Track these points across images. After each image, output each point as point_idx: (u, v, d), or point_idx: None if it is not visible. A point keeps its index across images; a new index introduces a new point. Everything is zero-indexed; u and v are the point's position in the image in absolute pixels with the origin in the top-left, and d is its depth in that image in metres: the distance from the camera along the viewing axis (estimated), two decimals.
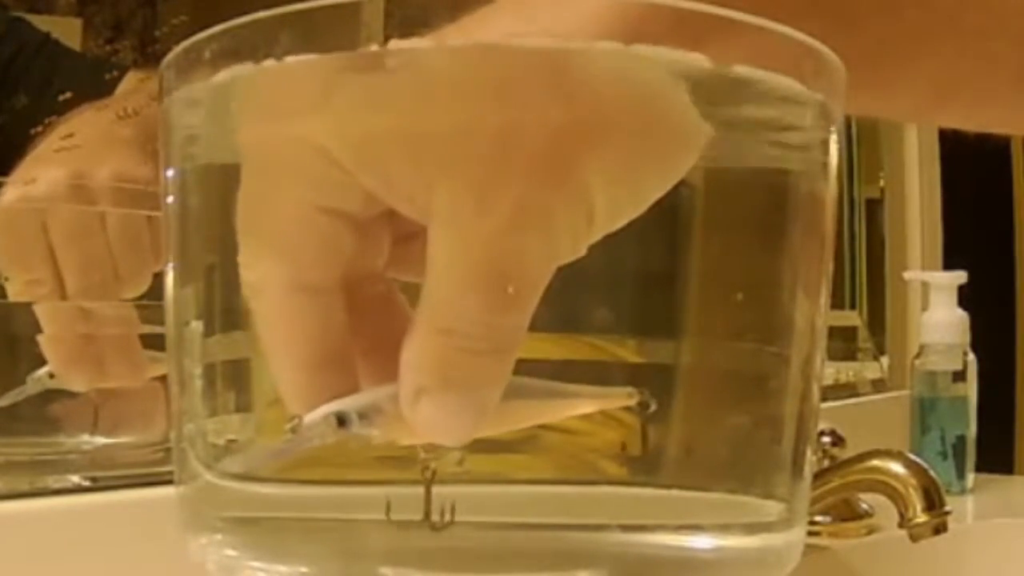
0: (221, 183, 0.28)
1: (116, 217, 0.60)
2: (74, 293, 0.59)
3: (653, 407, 0.26)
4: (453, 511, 0.25)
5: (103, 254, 0.60)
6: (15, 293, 0.59)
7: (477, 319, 0.23)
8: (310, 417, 0.24)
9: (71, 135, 0.62)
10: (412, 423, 0.24)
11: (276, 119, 0.25)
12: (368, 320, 0.26)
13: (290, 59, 0.24)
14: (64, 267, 0.59)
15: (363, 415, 0.24)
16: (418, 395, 0.24)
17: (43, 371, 0.59)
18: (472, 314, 0.23)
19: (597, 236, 0.24)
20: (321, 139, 0.24)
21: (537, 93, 0.23)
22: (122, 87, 0.68)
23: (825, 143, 0.28)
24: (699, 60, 0.24)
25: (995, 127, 0.36)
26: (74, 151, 0.61)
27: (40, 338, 0.59)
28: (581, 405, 0.26)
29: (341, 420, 0.24)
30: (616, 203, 0.24)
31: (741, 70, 0.25)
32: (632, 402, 0.26)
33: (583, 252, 0.24)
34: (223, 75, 0.26)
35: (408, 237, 0.26)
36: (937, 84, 0.32)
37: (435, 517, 0.26)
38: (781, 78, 0.26)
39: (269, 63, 0.25)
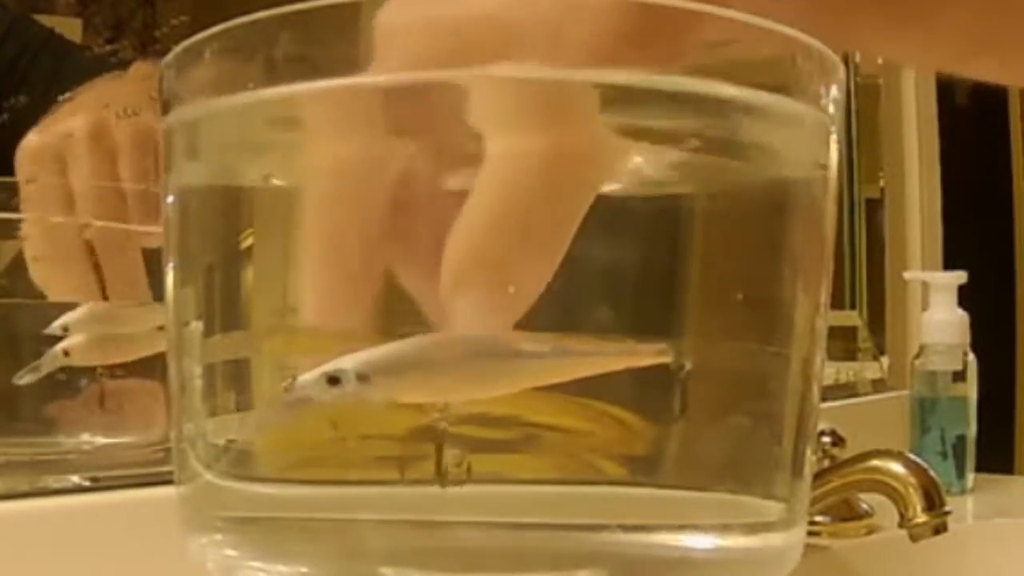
0: (222, 183, 0.28)
1: (130, 156, 0.61)
2: (81, 193, 0.60)
3: (688, 367, 0.26)
4: (469, 469, 0.25)
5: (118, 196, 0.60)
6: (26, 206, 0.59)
7: (525, 210, 0.23)
8: (303, 377, 0.24)
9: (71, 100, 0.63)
10: (451, 315, 0.24)
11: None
12: (417, 222, 0.26)
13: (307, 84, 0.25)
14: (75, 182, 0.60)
15: (362, 376, 0.24)
16: (456, 286, 0.24)
17: (59, 348, 0.59)
18: (520, 204, 0.23)
19: None
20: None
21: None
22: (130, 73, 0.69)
23: (824, 144, 0.28)
24: (694, 84, 0.24)
25: None
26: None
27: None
28: (607, 363, 0.26)
29: (333, 379, 0.24)
30: None
31: (734, 91, 0.25)
32: (667, 359, 0.25)
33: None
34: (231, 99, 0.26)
35: None
36: (970, 36, 0.32)
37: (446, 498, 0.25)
38: (774, 97, 0.26)
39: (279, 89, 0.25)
